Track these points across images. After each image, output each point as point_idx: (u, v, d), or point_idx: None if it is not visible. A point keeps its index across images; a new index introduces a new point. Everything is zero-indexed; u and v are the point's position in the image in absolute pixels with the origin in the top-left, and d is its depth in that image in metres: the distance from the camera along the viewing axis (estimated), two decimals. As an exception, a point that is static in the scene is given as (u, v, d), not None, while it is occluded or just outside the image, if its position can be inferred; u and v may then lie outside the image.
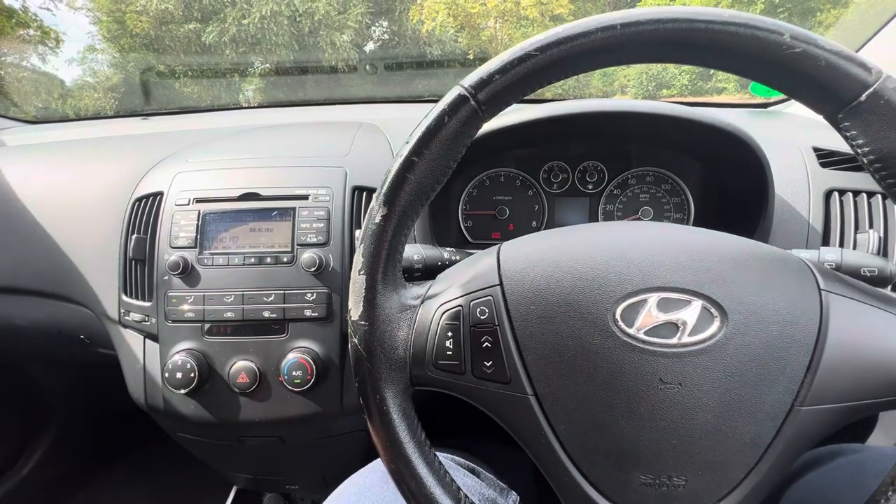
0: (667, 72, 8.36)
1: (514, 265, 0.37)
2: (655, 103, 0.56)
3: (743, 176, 0.62)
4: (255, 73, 2.89)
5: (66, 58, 3.64)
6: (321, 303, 0.61)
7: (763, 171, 0.58)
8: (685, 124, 0.57)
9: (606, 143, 0.71)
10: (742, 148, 0.57)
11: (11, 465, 1.15)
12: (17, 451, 1.16)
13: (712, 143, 0.60)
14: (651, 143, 0.70)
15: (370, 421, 0.35)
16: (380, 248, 0.35)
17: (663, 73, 8.07)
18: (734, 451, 0.33)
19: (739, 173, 0.62)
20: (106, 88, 6.79)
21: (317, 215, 0.63)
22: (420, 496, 0.34)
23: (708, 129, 0.56)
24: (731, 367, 0.32)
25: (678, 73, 8.05)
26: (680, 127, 0.58)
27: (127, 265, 0.66)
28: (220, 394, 0.62)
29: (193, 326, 0.62)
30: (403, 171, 0.35)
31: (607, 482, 0.34)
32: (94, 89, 6.90)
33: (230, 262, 0.62)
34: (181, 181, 0.66)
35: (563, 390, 0.34)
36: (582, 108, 0.58)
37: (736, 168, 0.62)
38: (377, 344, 0.35)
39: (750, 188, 0.61)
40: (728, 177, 0.65)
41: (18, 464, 1.16)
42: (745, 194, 0.63)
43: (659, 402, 0.32)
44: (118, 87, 6.47)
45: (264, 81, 3.01)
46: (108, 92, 6.58)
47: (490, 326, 0.35)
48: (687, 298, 0.33)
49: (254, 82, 3.21)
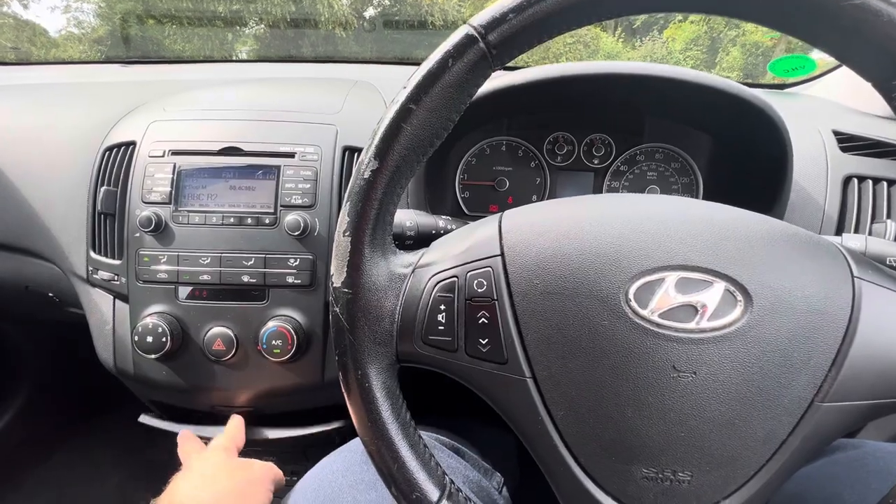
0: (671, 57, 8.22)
1: (517, 235, 0.33)
2: (679, 68, 0.52)
3: (760, 156, 0.58)
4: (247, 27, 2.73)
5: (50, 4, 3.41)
6: (305, 269, 0.57)
7: (783, 153, 0.55)
8: (708, 93, 0.52)
9: (617, 113, 0.66)
10: (766, 126, 0.53)
11: (-19, 424, 1.12)
12: (-13, 410, 1.13)
13: (734, 117, 0.56)
14: (665, 115, 0.65)
15: (349, 398, 0.32)
16: (368, 208, 0.31)
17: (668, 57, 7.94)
18: (746, 447, 0.30)
19: (757, 153, 0.58)
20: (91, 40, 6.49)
21: (303, 175, 0.58)
22: (402, 480, 0.31)
23: (732, 99, 0.52)
24: (752, 357, 0.29)
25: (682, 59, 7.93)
26: (702, 95, 0.54)
27: (96, 219, 0.61)
28: (193, 361, 0.59)
29: (166, 288, 0.58)
30: (399, 121, 0.30)
31: (606, 474, 0.31)
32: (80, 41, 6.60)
33: (207, 220, 0.58)
34: (156, 131, 0.61)
35: (564, 374, 0.31)
36: (600, 69, 0.53)
37: (754, 148, 0.58)
38: (361, 314, 0.32)
39: (766, 170, 0.58)
40: (744, 157, 0.62)
41: (-10, 422, 1.12)
42: (761, 176, 0.59)
43: (670, 391, 0.29)
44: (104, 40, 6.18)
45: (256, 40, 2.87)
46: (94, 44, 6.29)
47: (488, 301, 0.32)
48: (709, 279, 0.30)
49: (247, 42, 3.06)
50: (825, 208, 0.59)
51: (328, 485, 0.43)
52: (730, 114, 0.55)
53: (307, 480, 0.45)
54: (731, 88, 0.52)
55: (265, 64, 1.03)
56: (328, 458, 0.47)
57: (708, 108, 0.58)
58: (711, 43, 9.32)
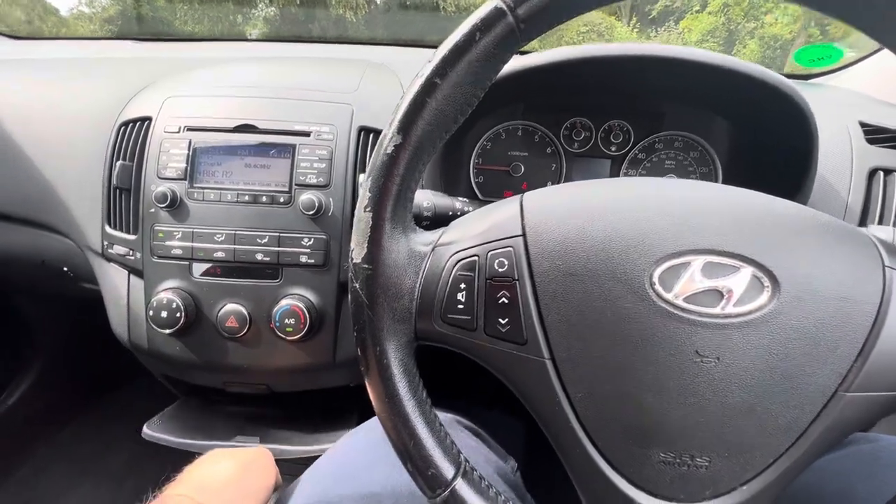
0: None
1: (539, 215, 0.32)
2: (706, 52, 0.50)
3: (785, 146, 0.56)
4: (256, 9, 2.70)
5: (61, -19, 3.38)
6: (318, 249, 0.57)
7: (809, 143, 0.53)
8: (735, 78, 0.51)
9: (637, 99, 0.65)
10: (793, 114, 0.52)
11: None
12: (2, 382, 1.15)
13: (759, 103, 0.54)
14: (687, 101, 0.64)
15: (367, 374, 0.32)
16: (390, 183, 0.31)
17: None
18: (766, 435, 0.30)
19: (781, 143, 0.57)
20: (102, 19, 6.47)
21: (318, 154, 0.58)
22: (417, 457, 0.31)
23: (760, 85, 0.51)
24: (777, 344, 0.29)
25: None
26: (728, 80, 0.52)
27: (111, 194, 0.62)
28: (206, 337, 0.59)
29: (181, 264, 0.58)
30: (423, 95, 0.30)
31: (622, 457, 0.31)
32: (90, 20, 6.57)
33: (222, 198, 0.58)
34: (172, 107, 0.61)
35: (583, 356, 0.30)
36: (625, 51, 0.52)
37: (778, 137, 0.57)
38: (381, 291, 0.31)
39: (790, 160, 0.56)
40: (767, 146, 0.60)
41: (4, 395, 1.15)
42: (783, 167, 0.58)
43: (692, 376, 0.29)
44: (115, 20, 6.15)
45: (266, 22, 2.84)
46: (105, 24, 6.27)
47: (508, 280, 0.31)
48: (736, 264, 0.29)
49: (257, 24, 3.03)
50: (848, 200, 0.58)
51: (347, 462, 0.43)
52: (756, 100, 0.54)
53: (327, 457, 0.46)
54: (760, 74, 0.50)
55: (278, 44, 1.02)
56: (350, 434, 0.48)
57: (733, 94, 0.57)
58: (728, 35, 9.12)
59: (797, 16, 7.98)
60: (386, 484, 0.41)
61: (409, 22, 1.08)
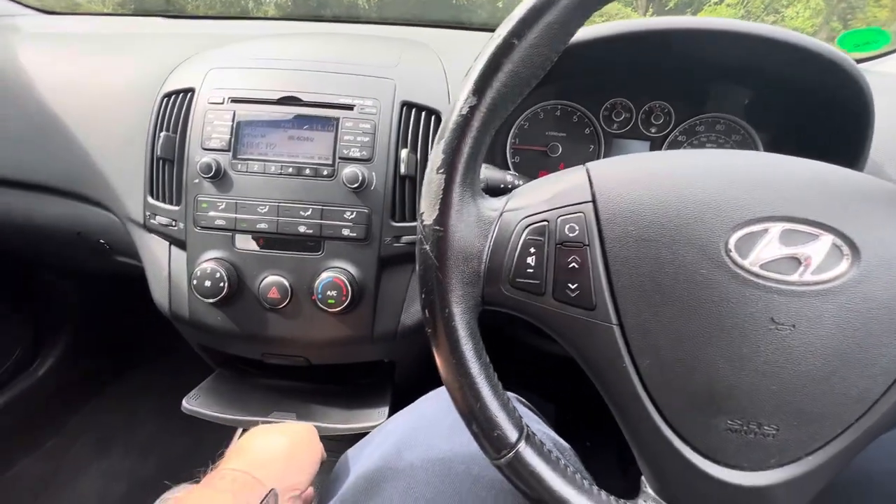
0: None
1: (609, 182, 0.32)
2: (769, 27, 0.49)
3: (836, 134, 0.55)
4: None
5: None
6: (360, 223, 0.57)
7: (864, 133, 0.52)
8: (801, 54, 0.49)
9: (681, 78, 0.64)
10: (855, 102, 0.50)
11: (27, 367, 1.16)
12: (32, 354, 1.17)
13: (821, 86, 0.53)
14: (735, 81, 0.63)
15: (434, 336, 0.32)
16: (463, 145, 0.31)
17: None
18: (837, 405, 0.30)
19: (833, 130, 0.56)
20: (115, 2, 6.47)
21: (362, 128, 0.58)
22: (483, 419, 0.32)
23: (828, 67, 0.49)
24: (855, 314, 0.28)
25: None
26: (788, 58, 0.51)
27: (154, 165, 0.62)
28: (248, 307, 0.60)
29: (224, 235, 0.59)
30: (500, 55, 0.30)
31: (688, 424, 0.31)
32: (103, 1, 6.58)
33: (266, 170, 0.58)
34: (215, 78, 0.61)
35: (653, 322, 0.30)
36: (681, 25, 0.51)
37: (831, 124, 0.56)
38: (451, 253, 0.31)
39: (840, 149, 0.55)
40: (816, 132, 0.59)
41: (34, 365, 1.17)
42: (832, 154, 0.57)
43: (766, 343, 0.29)
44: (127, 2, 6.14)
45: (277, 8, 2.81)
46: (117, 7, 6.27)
47: (579, 245, 0.31)
48: (815, 232, 0.29)
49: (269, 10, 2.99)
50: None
51: (416, 428, 0.44)
52: (816, 82, 0.53)
53: (393, 423, 0.46)
54: (830, 54, 0.49)
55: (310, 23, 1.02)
56: (417, 402, 0.48)
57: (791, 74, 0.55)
58: (747, 28, 8.91)
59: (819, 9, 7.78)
60: (457, 450, 0.41)
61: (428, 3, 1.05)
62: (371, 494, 0.41)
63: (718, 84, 0.65)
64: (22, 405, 1.13)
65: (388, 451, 0.44)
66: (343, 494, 0.43)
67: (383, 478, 0.42)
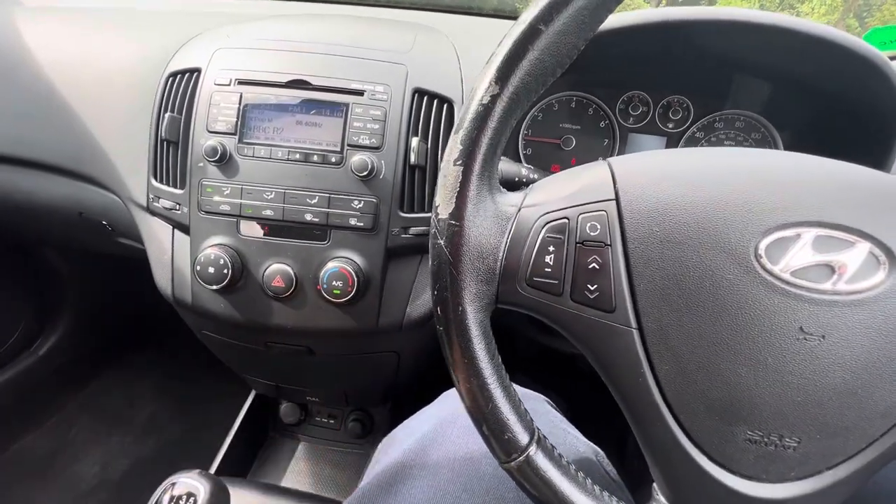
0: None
1: (633, 179, 0.31)
2: (796, 19, 0.47)
3: (862, 135, 0.54)
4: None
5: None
6: (368, 213, 0.56)
7: (891, 128, 0.50)
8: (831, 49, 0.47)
9: (702, 72, 0.62)
10: (886, 103, 0.49)
11: (29, 346, 1.16)
12: (34, 333, 1.17)
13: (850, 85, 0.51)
14: (756, 77, 0.60)
15: (446, 334, 0.31)
16: (482, 136, 0.29)
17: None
18: (862, 419, 0.28)
19: (859, 131, 0.54)
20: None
21: (372, 115, 0.56)
22: (493, 421, 0.31)
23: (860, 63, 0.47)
24: (889, 326, 0.27)
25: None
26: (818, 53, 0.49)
27: (158, 147, 0.61)
28: (252, 295, 0.59)
29: (228, 221, 0.58)
30: (525, 42, 0.28)
31: (706, 434, 0.30)
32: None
33: (273, 155, 0.56)
34: (222, 58, 0.59)
35: (675, 327, 0.29)
36: (702, 15, 0.49)
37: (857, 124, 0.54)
38: (466, 249, 0.30)
39: (864, 151, 0.54)
40: (840, 133, 0.57)
41: (36, 344, 1.17)
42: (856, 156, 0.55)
43: (793, 353, 0.28)
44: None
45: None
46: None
47: (600, 245, 0.30)
48: (851, 239, 0.27)
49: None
50: None
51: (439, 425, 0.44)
52: (845, 81, 0.51)
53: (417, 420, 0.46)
54: (863, 50, 0.47)
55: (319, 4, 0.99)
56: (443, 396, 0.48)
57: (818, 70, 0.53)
58: (761, 23, 8.77)
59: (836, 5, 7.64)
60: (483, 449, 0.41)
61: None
62: (394, 491, 0.41)
63: (739, 79, 0.63)
64: (23, 384, 1.13)
65: (413, 448, 0.43)
66: (365, 489, 0.42)
67: (407, 475, 0.42)
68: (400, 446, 0.45)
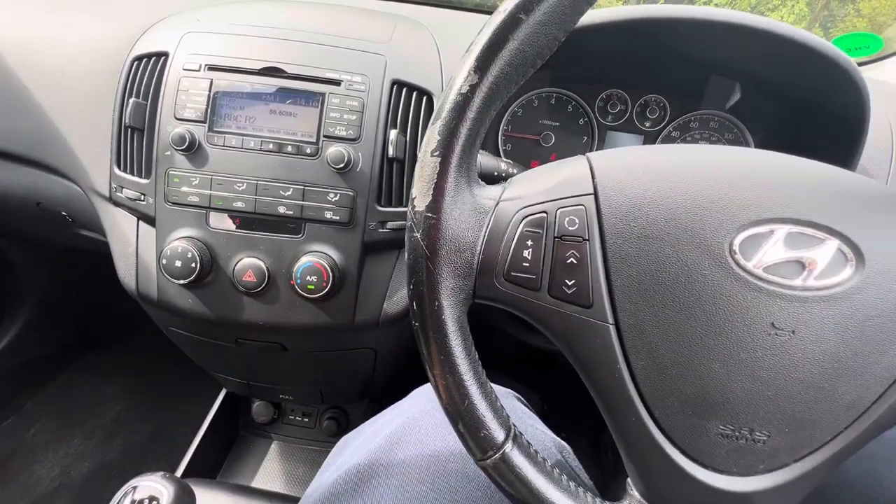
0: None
1: (612, 174, 0.31)
2: (774, 21, 0.48)
3: (832, 137, 0.55)
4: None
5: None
6: (344, 206, 0.55)
7: (858, 138, 0.52)
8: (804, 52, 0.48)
9: (679, 72, 0.62)
10: (854, 106, 0.50)
11: (-17, 342, 1.10)
12: (-12, 329, 1.11)
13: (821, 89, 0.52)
14: (731, 78, 0.62)
15: (422, 330, 0.30)
16: (461, 127, 0.29)
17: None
18: (828, 412, 0.29)
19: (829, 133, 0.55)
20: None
21: (349, 105, 0.55)
22: (469, 419, 0.30)
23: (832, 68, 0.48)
24: (855, 321, 0.28)
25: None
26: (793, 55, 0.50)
27: (122, 134, 0.58)
28: (221, 290, 0.57)
29: (197, 213, 0.55)
30: (505, 31, 0.27)
31: (679, 428, 0.30)
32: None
33: (245, 145, 0.54)
34: (191, 42, 0.57)
35: (650, 322, 0.29)
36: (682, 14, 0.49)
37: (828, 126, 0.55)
38: (444, 243, 0.29)
39: (833, 152, 0.55)
40: (810, 134, 0.59)
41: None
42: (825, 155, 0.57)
43: (764, 348, 0.28)
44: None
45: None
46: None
47: (578, 240, 0.30)
48: (821, 236, 0.28)
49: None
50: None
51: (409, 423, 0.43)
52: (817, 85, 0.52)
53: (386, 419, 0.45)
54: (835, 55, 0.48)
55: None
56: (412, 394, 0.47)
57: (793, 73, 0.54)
58: (734, 29, 9.01)
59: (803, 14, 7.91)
60: (451, 447, 0.40)
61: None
62: (362, 490, 0.40)
63: (714, 80, 0.64)
64: (-23, 382, 1.07)
65: (380, 446, 0.42)
66: (333, 488, 0.41)
67: (375, 473, 0.41)
68: (367, 444, 0.44)
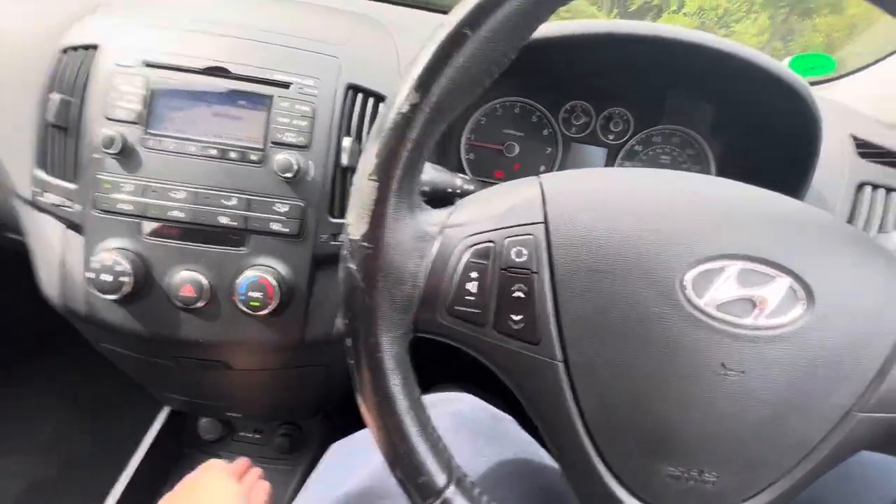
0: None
1: (563, 200, 0.29)
2: (731, 42, 0.48)
3: (785, 153, 0.56)
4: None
5: None
6: (293, 217, 0.51)
7: (811, 155, 0.53)
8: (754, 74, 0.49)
9: (641, 86, 0.62)
10: (805, 123, 0.51)
11: None
12: None
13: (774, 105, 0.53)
14: (692, 94, 0.62)
15: (358, 369, 0.28)
16: (401, 149, 0.26)
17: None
18: (777, 451, 0.28)
19: (783, 149, 0.56)
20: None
21: (299, 110, 0.51)
22: (408, 464, 0.28)
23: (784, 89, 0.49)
24: (804, 361, 0.27)
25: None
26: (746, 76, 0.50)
27: (46, 133, 0.52)
28: (157, 305, 0.52)
29: (129, 222, 0.51)
30: (449, 47, 0.25)
31: (628, 470, 0.29)
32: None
33: (184, 149, 0.50)
34: (125, 35, 0.52)
35: (600, 360, 0.28)
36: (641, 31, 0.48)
37: (781, 142, 0.56)
38: (381, 275, 0.27)
39: (788, 168, 0.56)
40: (765, 148, 0.60)
41: None
42: (780, 173, 0.57)
43: (714, 389, 0.27)
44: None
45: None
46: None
47: (526, 273, 0.28)
48: (772, 273, 0.27)
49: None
50: (836, 211, 0.58)
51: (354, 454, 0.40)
52: (770, 101, 0.52)
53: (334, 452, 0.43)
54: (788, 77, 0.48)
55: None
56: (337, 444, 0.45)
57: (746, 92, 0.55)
58: (701, 39, 9.33)
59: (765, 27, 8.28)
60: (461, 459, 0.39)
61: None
62: None
63: (677, 95, 0.64)
64: None
65: (377, 470, 0.40)
66: None
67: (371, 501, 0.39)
68: (365, 466, 0.42)
